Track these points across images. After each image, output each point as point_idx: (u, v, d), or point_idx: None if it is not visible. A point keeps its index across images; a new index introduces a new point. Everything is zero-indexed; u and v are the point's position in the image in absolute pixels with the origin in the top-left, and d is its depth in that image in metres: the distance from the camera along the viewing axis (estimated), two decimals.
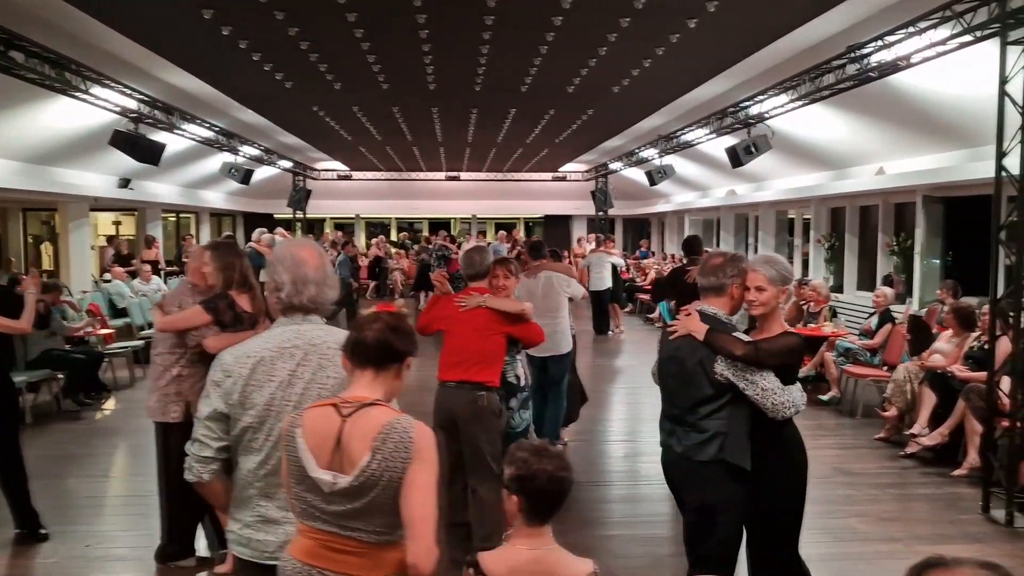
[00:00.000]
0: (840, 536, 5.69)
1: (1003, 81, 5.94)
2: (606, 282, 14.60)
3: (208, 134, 14.03)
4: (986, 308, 6.75)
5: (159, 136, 11.95)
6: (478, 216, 27.69)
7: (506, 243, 22.65)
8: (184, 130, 12.85)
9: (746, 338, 3.46)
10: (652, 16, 6.90)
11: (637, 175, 19.83)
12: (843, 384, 9.61)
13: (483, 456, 4.88)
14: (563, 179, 24.37)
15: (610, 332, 15.20)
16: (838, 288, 14.74)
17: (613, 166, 20.18)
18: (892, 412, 8.05)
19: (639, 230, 27.04)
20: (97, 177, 14.72)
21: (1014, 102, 5.90)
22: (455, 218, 28.69)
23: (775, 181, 16.27)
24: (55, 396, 9.29)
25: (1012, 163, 5.95)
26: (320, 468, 2.32)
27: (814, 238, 15.51)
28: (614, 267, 14.89)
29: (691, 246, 8.02)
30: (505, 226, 28.24)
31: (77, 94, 9.22)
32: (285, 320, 2.85)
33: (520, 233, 23.07)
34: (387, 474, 2.29)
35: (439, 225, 28.62)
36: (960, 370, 7.41)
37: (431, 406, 4.96)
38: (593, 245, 18.96)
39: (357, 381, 2.46)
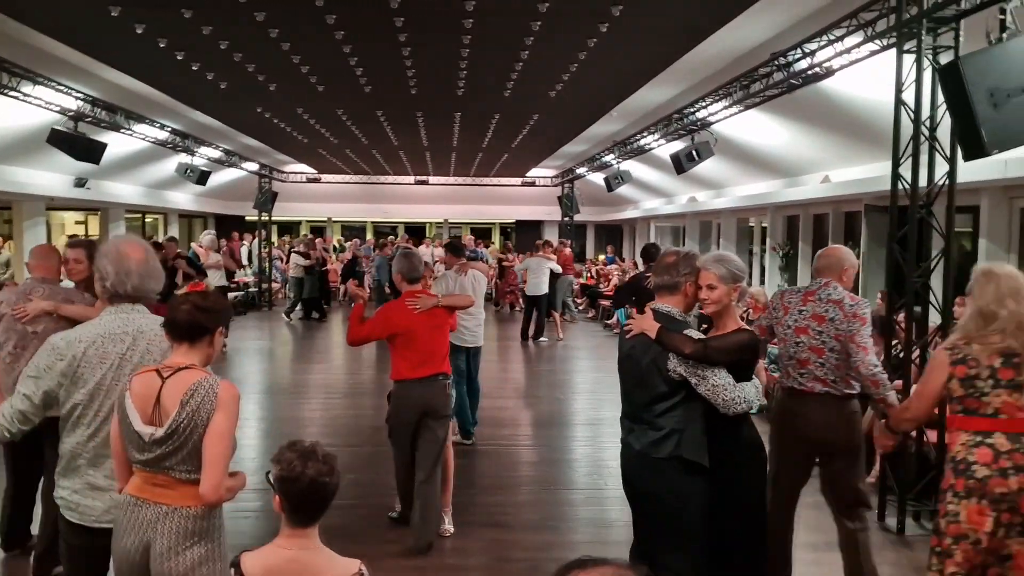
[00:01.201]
0: None
1: (898, 90, 5.95)
2: (543, 288, 14.51)
3: (162, 134, 13.99)
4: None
5: (103, 136, 11.91)
6: (450, 220, 27.67)
7: (482, 247, 22.76)
8: (132, 130, 12.80)
9: (697, 335, 3.47)
10: (560, 19, 6.92)
11: None
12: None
13: (442, 442, 5.38)
14: (532, 184, 24.34)
15: (543, 340, 14.89)
16: None
17: (580, 171, 20.20)
18: None
19: (611, 236, 27.06)
20: (52, 176, 14.64)
21: (908, 111, 5.91)
22: (430, 222, 28.66)
23: (734, 188, 16.33)
24: None
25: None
26: (143, 423, 2.78)
27: (769, 246, 15.56)
28: (553, 273, 14.81)
29: (649, 254, 8.48)
30: (480, 232, 28.39)
31: (8, 92, 9.20)
32: (113, 309, 3.21)
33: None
34: (194, 422, 2.76)
35: (414, 229, 28.63)
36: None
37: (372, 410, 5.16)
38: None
39: (176, 351, 2.91)
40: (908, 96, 5.94)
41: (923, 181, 6.02)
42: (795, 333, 4.27)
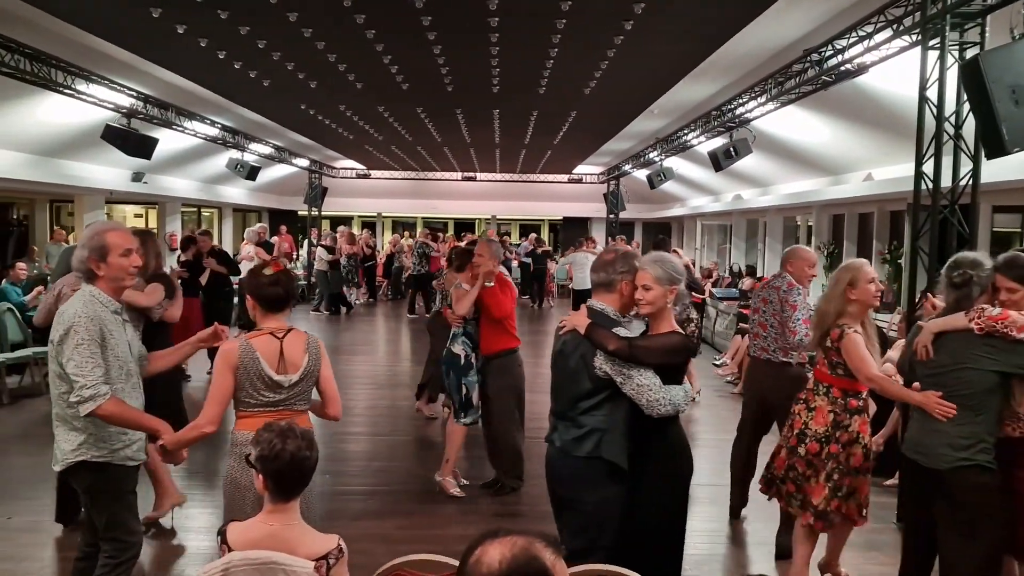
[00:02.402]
0: (737, 539, 5.70)
1: (922, 86, 5.88)
2: (587, 282, 14.57)
3: (212, 131, 14.43)
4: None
5: (156, 132, 12.34)
6: (498, 217, 27.82)
7: (531, 243, 22.87)
8: (184, 127, 13.24)
9: (624, 333, 3.44)
10: (585, 17, 6.98)
11: None
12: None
13: None
14: (579, 181, 24.35)
15: None
16: None
17: (626, 168, 20.16)
18: None
19: (659, 234, 26.91)
20: (110, 171, 15.21)
21: (931, 108, 5.83)
22: (479, 218, 28.88)
23: (779, 186, 16.14)
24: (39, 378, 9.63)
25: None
26: (277, 374, 3.40)
27: (814, 245, 15.32)
28: None
29: (658, 247, 9.46)
30: (532, 228, 28.56)
31: (64, 90, 9.64)
32: None
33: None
34: (313, 368, 3.49)
35: (464, 226, 28.89)
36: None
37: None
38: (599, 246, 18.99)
39: (273, 317, 3.51)
40: (933, 93, 5.86)
41: (949, 181, 5.94)
42: (753, 312, 5.52)
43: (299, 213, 24.90)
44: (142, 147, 11.54)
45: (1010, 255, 3.73)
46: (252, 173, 16.48)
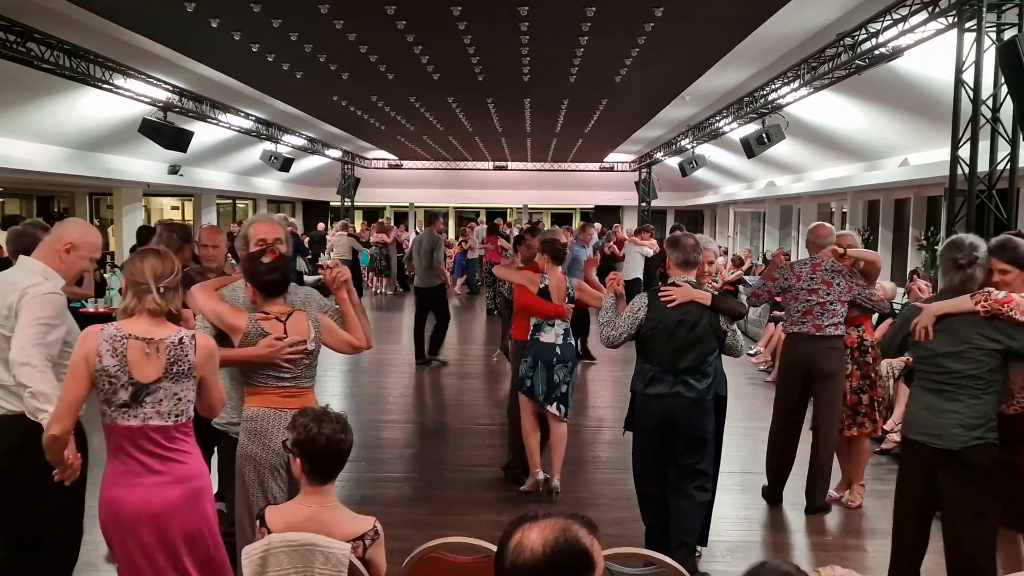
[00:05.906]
0: (769, 527, 5.68)
1: (958, 70, 5.79)
2: (634, 271, 14.37)
3: (246, 123, 14.62)
4: None
5: (192, 125, 12.55)
6: (530, 206, 27.81)
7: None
8: (218, 119, 13.42)
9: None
10: (614, 4, 6.96)
11: None
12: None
13: None
14: (611, 169, 24.25)
15: None
16: None
17: (658, 156, 20.04)
18: None
19: (692, 221, 26.73)
20: (148, 164, 15.48)
21: (967, 91, 5.75)
22: (511, 207, 28.89)
23: (813, 173, 15.96)
24: None
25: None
26: None
27: (849, 231, 15.13)
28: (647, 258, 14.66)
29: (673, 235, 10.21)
30: (564, 217, 28.51)
31: (102, 85, 9.83)
32: None
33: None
34: (318, 346, 3.59)
35: (495, 214, 28.92)
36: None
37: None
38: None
39: (273, 301, 3.57)
40: (970, 76, 5.78)
41: (986, 165, 5.85)
42: (808, 293, 5.56)
43: (332, 204, 25.12)
44: (178, 140, 11.73)
45: (1002, 238, 3.82)
46: (286, 165, 16.67)
